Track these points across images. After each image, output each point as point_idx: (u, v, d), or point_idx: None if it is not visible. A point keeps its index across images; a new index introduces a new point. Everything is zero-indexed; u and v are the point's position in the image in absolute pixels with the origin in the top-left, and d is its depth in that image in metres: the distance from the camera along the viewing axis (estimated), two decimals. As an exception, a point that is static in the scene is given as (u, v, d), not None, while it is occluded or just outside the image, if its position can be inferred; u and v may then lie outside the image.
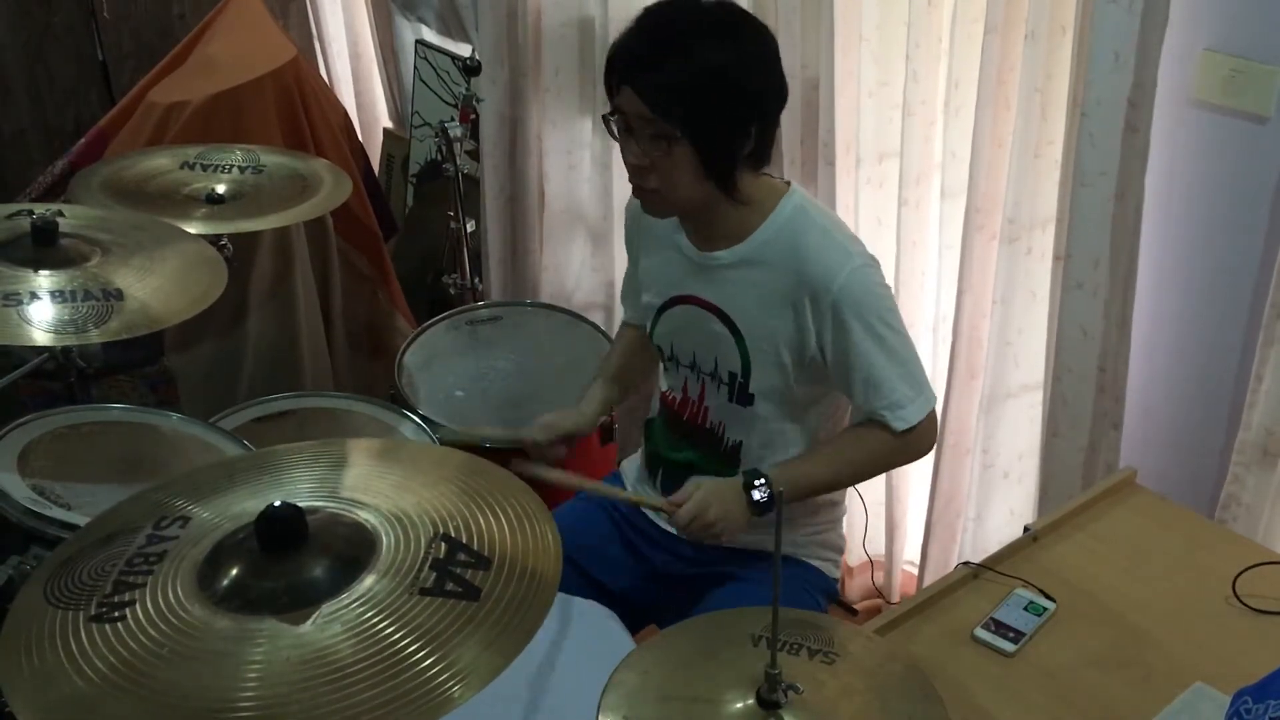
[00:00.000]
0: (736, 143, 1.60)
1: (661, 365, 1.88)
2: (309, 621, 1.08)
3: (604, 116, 1.64)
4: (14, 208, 2.01)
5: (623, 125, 1.61)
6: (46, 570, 1.20)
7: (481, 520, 1.21)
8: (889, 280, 2.31)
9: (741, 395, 1.75)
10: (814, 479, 1.73)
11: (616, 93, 1.60)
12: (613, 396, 1.97)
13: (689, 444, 1.84)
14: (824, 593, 1.89)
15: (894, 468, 2.02)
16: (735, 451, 1.80)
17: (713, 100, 1.56)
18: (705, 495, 1.67)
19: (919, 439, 1.71)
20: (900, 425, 1.67)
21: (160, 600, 1.12)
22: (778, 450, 1.77)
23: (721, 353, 1.75)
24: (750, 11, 2.31)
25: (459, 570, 1.14)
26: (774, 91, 1.64)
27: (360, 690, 1.01)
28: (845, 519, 1.96)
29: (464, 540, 1.18)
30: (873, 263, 1.68)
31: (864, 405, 1.68)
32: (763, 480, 1.68)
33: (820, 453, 1.76)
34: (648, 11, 1.62)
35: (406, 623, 1.07)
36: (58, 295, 1.82)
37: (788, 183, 1.72)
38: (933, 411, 1.71)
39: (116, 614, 1.10)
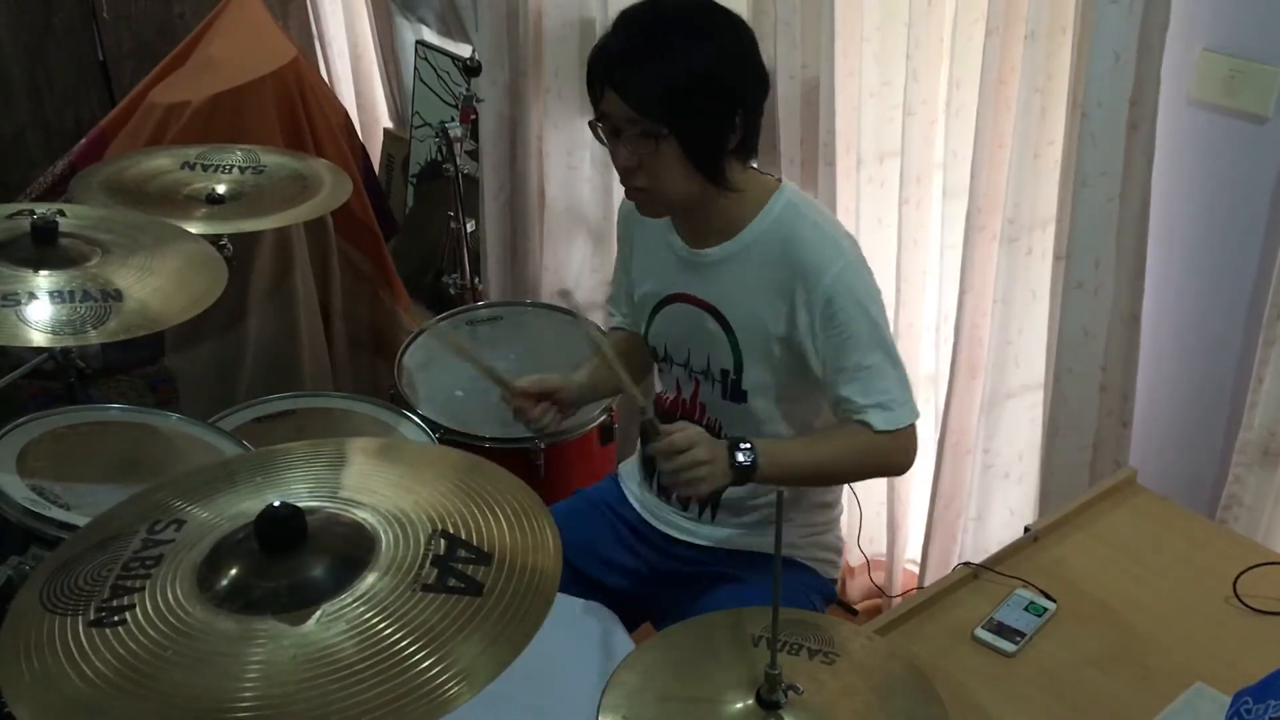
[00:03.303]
0: (722, 135, 1.61)
1: (656, 367, 1.88)
2: (310, 621, 1.08)
3: (590, 123, 1.65)
4: (14, 208, 2.01)
5: (609, 129, 1.62)
6: (41, 576, 1.19)
7: (479, 517, 1.21)
8: (890, 279, 2.35)
9: (735, 392, 1.75)
10: (796, 462, 1.68)
11: (600, 98, 1.61)
12: (604, 375, 1.95)
13: None
14: (821, 594, 1.88)
15: (873, 475, 1.93)
16: None
17: (695, 95, 1.57)
18: (698, 434, 1.62)
19: (901, 448, 1.68)
20: (884, 425, 1.64)
21: (161, 602, 1.12)
22: None
23: (714, 350, 1.75)
24: (748, 11, 2.35)
25: (460, 566, 1.14)
26: (754, 82, 1.64)
27: (363, 690, 1.01)
28: (844, 520, 1.96)
29: (463, 537, 1.18)
30: (864, 264, 1.68)
31: (847, 403, 1.65)
32: (748, 445, 1.63)
33: (806, 439, 1.75)
34: (624, 15, 1.63)
35: (408, 621, 1.07)
36: (57, 295, 1.82)
37: (779, 180, 1.72)
38: (914, 426, 1.69)
39: (116, 618, 1.10)
